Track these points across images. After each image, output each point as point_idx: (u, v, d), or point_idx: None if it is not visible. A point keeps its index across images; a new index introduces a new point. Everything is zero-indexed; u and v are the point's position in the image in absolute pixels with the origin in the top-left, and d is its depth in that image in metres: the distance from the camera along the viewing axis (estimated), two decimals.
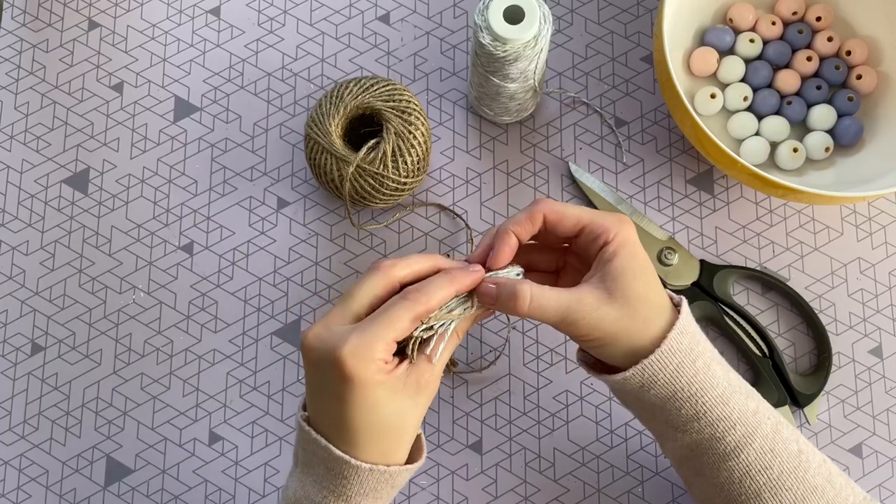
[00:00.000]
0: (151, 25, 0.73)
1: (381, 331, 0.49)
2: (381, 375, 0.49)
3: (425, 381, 0.51)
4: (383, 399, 0.49)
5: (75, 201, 0.70)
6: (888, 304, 0.68)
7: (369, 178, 0.62)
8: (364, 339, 0.49)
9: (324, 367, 0.49)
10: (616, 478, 0.65)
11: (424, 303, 0.50)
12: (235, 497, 0.65)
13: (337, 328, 0.50)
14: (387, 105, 0.63)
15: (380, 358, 0.49)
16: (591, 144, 0.70)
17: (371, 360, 0.48)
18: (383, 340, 0.49)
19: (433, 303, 0.50)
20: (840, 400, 0.66)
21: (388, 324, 0.49)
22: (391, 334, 0.49)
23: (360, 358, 0.48)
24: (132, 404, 0.67)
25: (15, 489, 0.66)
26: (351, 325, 0.50)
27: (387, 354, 0.49)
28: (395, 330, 0.49)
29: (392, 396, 0.50)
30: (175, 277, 0.69)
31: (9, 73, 0.73)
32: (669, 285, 0.67)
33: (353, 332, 0.49)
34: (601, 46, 0.72)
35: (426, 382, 0.51)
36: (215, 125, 0.71)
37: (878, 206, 0.70)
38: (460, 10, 0.73)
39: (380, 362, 0.49)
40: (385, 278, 0.51)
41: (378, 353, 0.49)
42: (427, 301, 0.50)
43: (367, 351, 0.48)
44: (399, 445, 0.52)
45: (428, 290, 0.50)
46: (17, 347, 0.68)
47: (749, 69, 0.69)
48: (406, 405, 0.51)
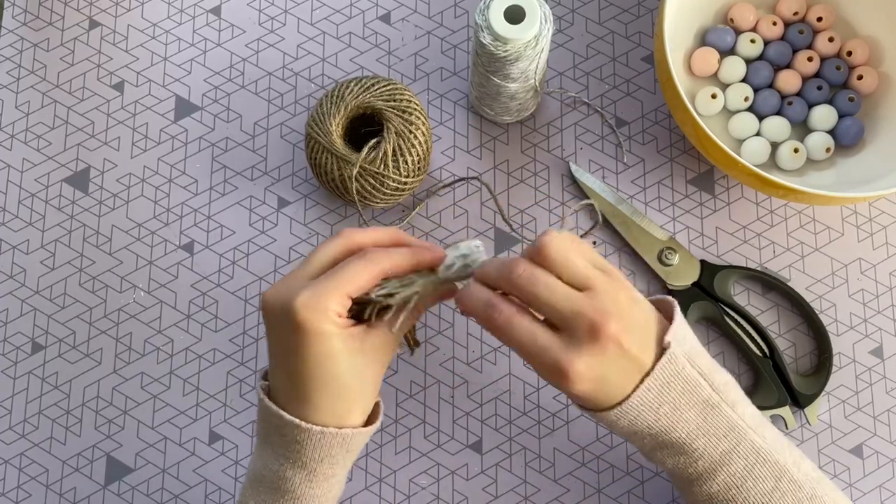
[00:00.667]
0: (152, 25, 0.73)
1: (335, 283, 0.50)
2: (334, 328, 0.50)
3: (381, 345, 0.52)
4: (336, 352, 0.50)
5: (76, 200, 0.70)
6: (889, 305, 0.68)
7: (370, 178, 0.62)
8: (317, 290, 0.49)
9: (280, 322, 0.50)
10: (616, 478, 0.65)
11: (382, 262, 0.51)
12: (235, 496, 0.65)
13: (294, 284, 0.51)
14: (387, 105, 0.63)
15: (333, 310, 0.49)
16: (591, 144, 0.70)
17: (323, 311, 0.49)
18: (337, 292, 0.49)
19: (390, 264, 0.51)
20: (841, 400, 0.66)
21: (343, 278, 0.50)
22: (345, 288, 0.50)
23: (313, 308, 0.49)
24: (132, 403, 0.67)
25: (15, 488, 0.66)
26: (310, 281, 0.51)
27: (341, 308, 0.50)
28: (350, 284, 0.50)
29: (346, 352, 0.50)
30: (175, 277, 0.69)
31: (9, 72, 0.73)
32: (670, 285, 0.67)
33: (308, 285, 0.50)
34: (602, 46, 0.72)
35: (382, 347, 0.52)
36: (216, 124, 0.71)
37: (878, 206, 0.70)
38: (461, 9, 0.73)
39: (333, 314, 0.49)
40: (345, 243, 0.53)
41: (331, 304, 0.49)
42: (386, 261, 0.51)
43: (319, 301, 0.49)
44: (353, 407, 0.52)
45: (388, 252, 0.52)
46: (18, 346, 0.68)
47: (750, 69, 0.69)
48: (360, 365, 0.51)
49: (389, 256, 0.52)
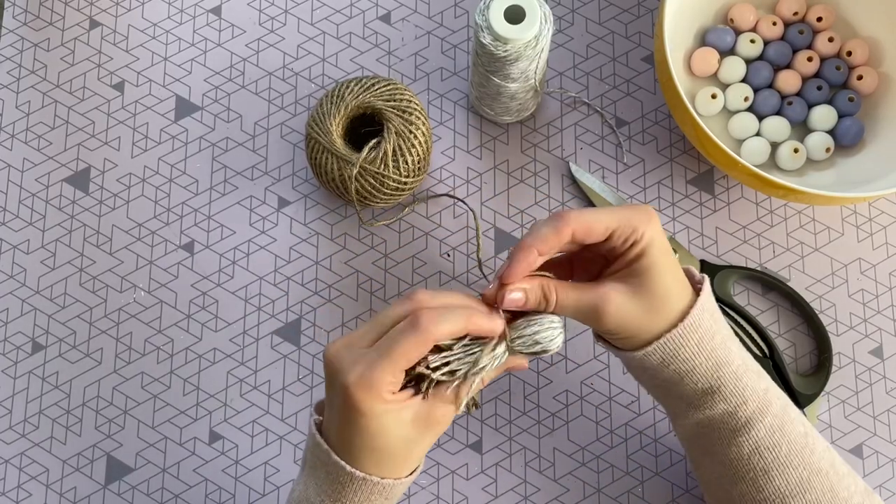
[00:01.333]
0: (152, 24, 0.73)
1: (386, 362, 0.48)
2: (386, 406, 0.49)
3: (437, 418, 0.51)
4: (387, 428, 0.49)
5: (76, 200, 0.70)
6: (889, 305, 0.68)
7: (370, 178, 0.62)
8: (370, 370, 0.48)
9: (335, 387, 0.50)
10: (616, 478, 0.65)
11: (431, 333, 0.48)
12: (235, 496, 0.65)
13: (354, 350, 0.50)
14: (388, 105, 0.63)
15: (386, 390, 0.49)
16: (591, 144, 0.70)
17: (376, 392, 0.48)
18: (389, 372, 0.48)
19: (440, 334, 0.49)
20: (841, 400, 0.66)
21: (394, 355, 0.48)
22: (397, 366, 0.48)
23: (365, 389, 0.48)
24: (132, 403, 0.67)
25: (15, 487, 0.66)
26: (365, 350, 0.49)
27: (393, 385, 0.49)
28: (401, 362, 0.48)
29: (398, 426, 0.50)
30: (176, 276, 0.69)
31: (10, 72, 0.73)
32: None
33: (362, 360, 0.49)
34: (602, 46, 0.72)
35: (437, 420, 0.51)
36: (216, 124, 0.71)
37: (878, 206, 0.70)
38: (461, 9, 0.73)
39: (385, 393, 0.49)
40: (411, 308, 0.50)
41: (383, 385, 0.48)
42: (434, 332, 0.48)
43: (371, 383, 0.48)
44: (400, 468, 0.52)
45: (438, 319, 0.49)
46: (18, 346, 0.68)
47: (750, 69, 0.69)
48: (412, 436, 0.50)
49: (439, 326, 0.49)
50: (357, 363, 0.49)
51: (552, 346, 0.52)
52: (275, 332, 0.68)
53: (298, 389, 0.67)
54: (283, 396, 0.67)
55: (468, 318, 0.49)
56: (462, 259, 0.69)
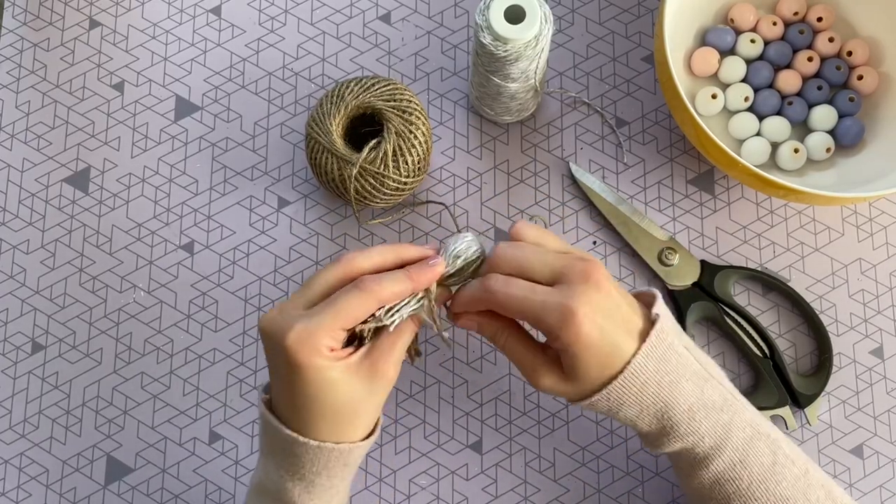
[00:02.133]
0: (152, 24, 0.73)
1: (327, 319, 0.49)
2: (328, 361, 0.49)
3: (380, 368, 0.51)
4: (332, 384, 0.50)
5: (76, 200, 0.70)
6: (889, 305, 0.68)
7: (370, 178, 0.62)
8: (309, 326, 0.49)
9: (275, 352, 0.50)
10: (616, 478, 0.65)
11: (376, 293, 0.50)
12: (235, 496, 0.65)
13: (289, 313, 0.50)
14: (388, 105, 0.63)
15: (325, 345, 0.49)
16: (591, 144, 0.70)
17: (315, 347, 0.49)
18: (329, 328, 0.49)
19: (385, 295, 0.50)
20: (841, 401, 0.66)
21: (335, 312, 0.49)
22: (338, 322, 0.49)
23: (305, 344, 0.49)
24: (132, 403, 0.67)
25: (15, 488, 0.66)
26: (302, 312, 0.50)
27: (334, 342, 0.50)
28: (343, 319, 0.49)
29: (343, 382, 0.50)
30: (175, 276, 0.69)
31: (10, 72, 0.73)
32: (670, 285, 0.67)
33: (301, 318, 0.49)
34: (602, 46, 0.72)
35: (381, 370, 0.51)
36: (216, 124, 0.71)
37: (878, 206, 0.70)
38: (461, 9, 0.73)
39: (325, 349, 0.49)
40: (345, 269, 0.51)
41: (322, 340, 0.49)
42: (379, 292, 0.50)
43: (311, 338, 0.49)
44: (353, 428, 0.52)
45: (382, 281, 0.50)
46: (18, 346, 0.68)
47: (750, 69, 0.69)
48: (359, 391, 0.51)
49: (384, 286, 0.50)
50: (296, 321, 0.49)
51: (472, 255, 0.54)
52: None
53: None
54: None
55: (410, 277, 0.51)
56: None
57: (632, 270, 0.68)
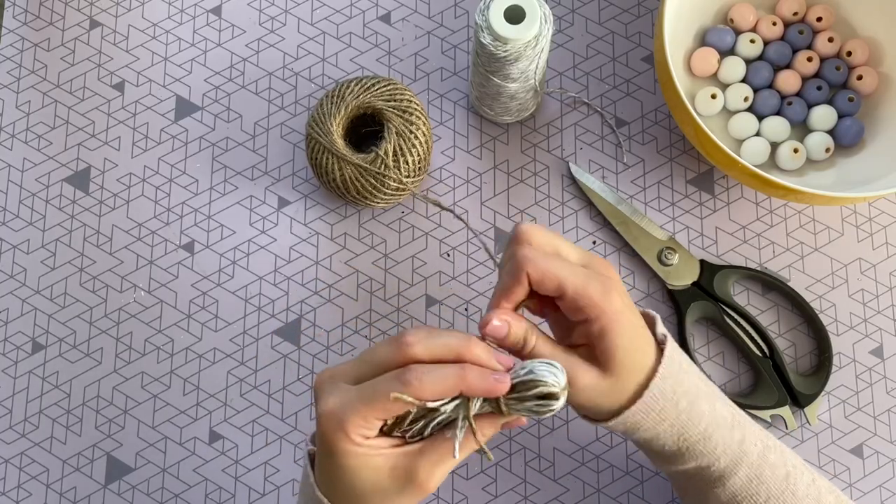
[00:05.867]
0: (153, 24, 0.73)
1: (359, 406, 0.46)
2: (356, 448, 0.46)
3: (419, 477, 0.47)
4: (358, 471, 0.47)
5: (76, 200, 0.70)
6: (889, 305, 0.68)
7: (370, 178, 0.62)
8: (341, 407, 0.46)
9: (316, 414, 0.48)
10: (616, 478, 0.65)
11: (415, 389, 0.45)
12: (235, 496, 0.66)
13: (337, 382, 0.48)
14: (388, 105, 0.63)
15: (356, 433, 0.46)
16: (591, 144, 0.70)
17: (345, 432, 0.46)
18: (361, 415, 0.46)
19: (425, 394, 0.45)
20: (841, 400, 0.66)
21: (369, 400, 0.46)
22: (372, 412, 0.46)
23: (334, 424, 0.46)
24: (132, 403, 0.67)
25: (15, 487, 0.66)
26: (347, 387, 0.47)
27: (367, 430, 0.46)
28: (377, 409, 0.46)
29: (371, 472, 0.47)
30: (176, 276, 0.69)
31: (10, 72, 0.73)
32: (670, 285, 0.67)
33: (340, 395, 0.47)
34: (602, 46, 0.72)
35: (419, 480, 0.47)
36: (216, 124, 0.71)
37: (878, 206, 0.70)
38: (461, 9, 0.73)
39: (356, 437, 0.46)
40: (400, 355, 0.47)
41: (353, 427, 0.46)
42: (418, 389, 0.45)
43: (342, 422, 0.46)
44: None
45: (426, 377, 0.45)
46: (18, 346, 0.68)
47: (750, 69, 0.69)
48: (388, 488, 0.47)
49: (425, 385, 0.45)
50: (333, 396, 0.47)
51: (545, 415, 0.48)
52: (275, 332, 0.68)
53: (298, 389, 0.67)
54: (283, 396, 0.67)
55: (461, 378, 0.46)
56: (462, 259, 0.69)
57: (632, 270, 0.68)
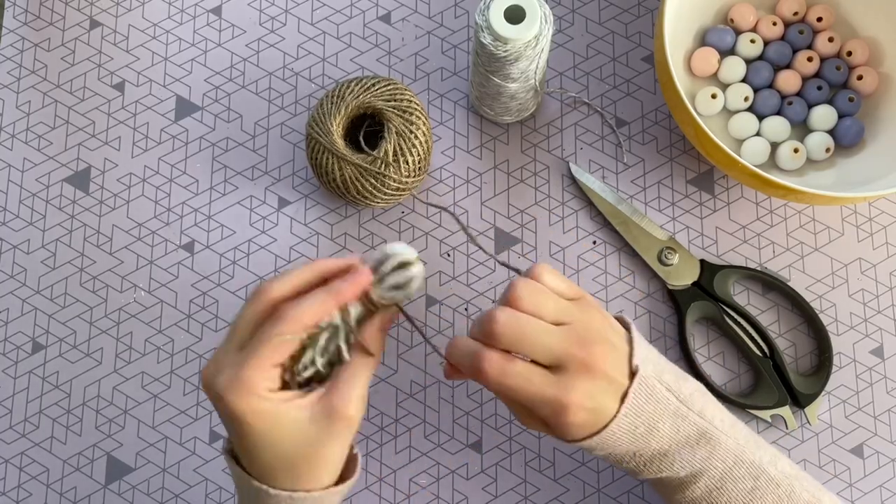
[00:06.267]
0: (153, 24, 0.73)
1: (254, 360, 0.45)
2: (267, 404, 0.46)
3: (338, 409, 0.47)
4: (279, 431, 0.46)
5: (76, 200, 0.70)
6: (889, 305, 0.68)
7: (371, 178, 0.62)
8: (238, 371, 0.46)
9: (215, 403, 0.47)
10: (616, 478, 0.65)
11: (296, 319, 0.46)
12: (235, 496, 0.65)
13: (222, 361, 0.47)
14: (388, 105, 0.63)
15: (261, 387, 0.46)
16: (591, 144, 0.70)
17: (248, 392, 0.45)
18: (258, 369, 0.45)
19: (307, 319, 0.46)
20: (841, 400, 0.66)
21: (260, 351, 0.46)
22: (265, 361, 0.46)
23: (238, 390, 0.45)
24: (133, 403, 0.67)
25: (15, 487, 0.66)
26: (232, 357, 0.47)
27: (269, 381, 0.46)
28: (269, 356, 0.46)
29: (292, 427, 0.46)
30: (176, 276, 0.69)
31: (10, 72, 0.73)
32: (670, 285, 0.67)
33: (230, 365, 0.46)
34: (602, 46, 0.72)
35: (340, 411, 0.47)
36: (216, 124, 0.71)
37: (878, 206, 0.70)
38: (461, 9, 0.73)
39: (262, 391, 0.46)
40: (263, 301, 0.47)
41: (253, 383, 0.45)
42: (300, 318, 0.46)
43: (243, 382, 0.45)
44: (317, 474, 0.48)
45: (301, 305, 0.46)
46: (18, 346, 0.68)
47: (750, 69, 0.69)
48: (313, 435, 0.47)
49: (303, 309, 0.46)
50: (222, 373, 0.46)
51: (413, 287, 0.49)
52: None
53: None
54: None
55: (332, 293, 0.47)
56: (462, 259, 0.69)
57: (632, 270, 0.68)
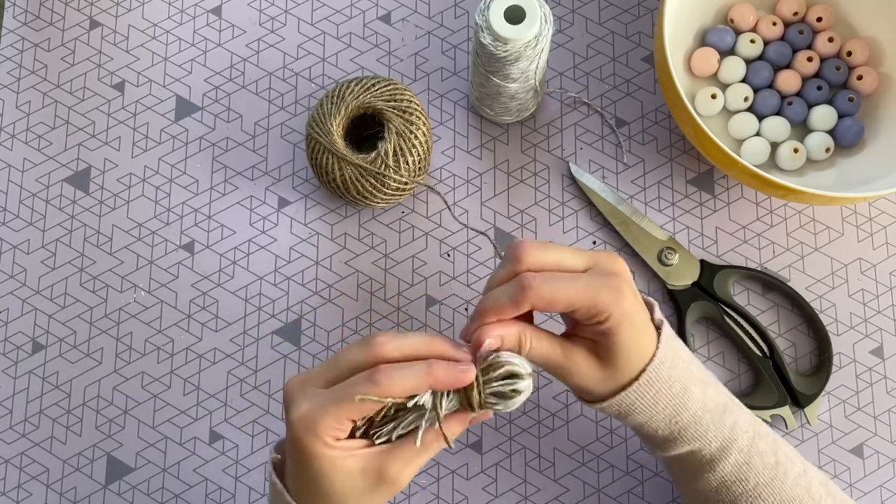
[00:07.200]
0: (153, 25, 0.73)
1: (331, 408, 0.46)
2: (329, 451, 0.47)
3: (391, 475, 0.48)
4: (330, 474, 0.47)
5: (76, 200, 0.70)
6: (889, 305, 0.68)
7: (371, 178, 0.62)
8: (315, 412, 0.47)
9: (287, 422, 0.48)
10: (616, 478, 0.65)
11: (385, 388, 0.46)
12: (236, 496, 0.66)
13: (308, 387, 0.48)
14: (388, 105, 0.63)
15: (329, 434, 0.47)
16: (591, 144, 0.70)
17: (317, 435, 0.47)
18: (333, 417, 0.46)
19: (395, 390, 0.46)
20: (841, 400, 0.66)
21: (340, 402, 0.46)
22: (343, 413, 0.47)
23: (308, 430, 0.47)
24: (133, 403, 0.67)
25: (16, 487, 0.66)
26: (318, 390, 0.48)
27: (339, 432, 0.47)
28: (348, 410, 0.47)
29: (343, 475, 0.48)
30: (176, 276, 0.69)
31: (10, 73, 0.73)
32: (670, 285, 0.67)
33: (312, 399, 0.47)
34: (602, 46, 0.72)
35: (391, 477, 0.48)
36: (216, 124, 0.71)
37: (878, 206, 0.70)
38: (461, 9, 0.73)
39: (329, 439, 0.47)
40: (370, 353, 0.48)
41: (325, 429, 0.47)
42: (388, 387, 0.46)
43: (314, 425, 0.47)
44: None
45: (397, 376, 0.47)
46: (18, 346, 0.68)
47: (750, 69, 0.69)
48: (361, 489, 0.48)
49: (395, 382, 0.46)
50: (305, 401, 0.47)
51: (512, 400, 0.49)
52: (275, 332, 0.68)
53: None
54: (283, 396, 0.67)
55: (428, 374, 0.47)
56: (462, 259, 0.69)
57: (632, 270, 0.68)
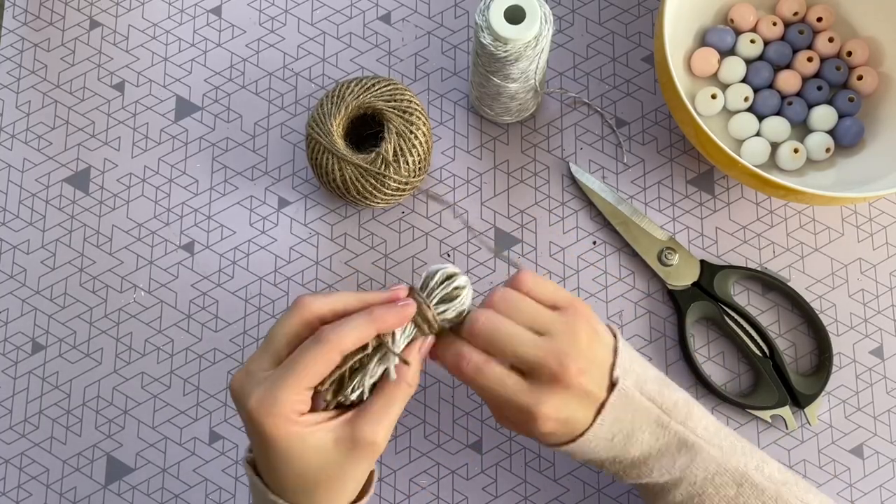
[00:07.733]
0: (153, 25, 0.73)
1: (287, 381, 0.46)
2: (296, 428, 0.46)
3: (366, 436, 0.47)
4: (303, 452, 0.46)
5: (76, 200, 0.70)
6: (889, 305, 0.68)
7: (371, 178, 0.62)
8: (271, 391, 0.46)
9: (243, 417, 0.47)
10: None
11: (334, 343, 0.46)
12: (235, 496, 0.66)
13: (256, 374, 0.47)
14: (388, 105, 0.63)
15: (292, 410, 0.46)
16: (591, 145, 0.70)
17: (280, 415, 0.45)
18: (292, 391, 0.46)
19: (347, 343, 0.46)
20: (841, 400, 0.66)
21: (295, 373, 0.46)
22: (301, 383, 0.46)
23: (269, 412, 0.45)
24: (133, 403, 0.67)
25: (15, 487, 0.66)
26: (266, 373, 0.47)
27: (301, 404, 0.46)
28: (305, 378, 0.46)
29: (316, 450, 0.47)
30: (176, 276, 0.69)
31: (10, 73, 0.73)
32: (670, 285, 0.67)
33: (262, 382, 0.46)
34: (602, 47, 0.72)
35: (367, 438, 0.47)
36: (216, 124, 0.71)
37: (878, 206, 0.70)
38: (461, 9, 0.73)
39: (293, 414, 0.46)
40: (302, 316, 0.48)
41: (286, 406, 0.46)
42: (339, 342, 0.46)
43: (274, 405, 0.45)
44: (335, 495, 0.49)
45: (342, 329, 0.46)
46: (18, 346, 0.68)
47: (750, 70, 0.69)
48: (337, 460, 0.47)
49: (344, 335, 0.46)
50: (256, 387, 0.46)
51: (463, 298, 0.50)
52: None
53: None
54: None
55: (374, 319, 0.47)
56: (462, 259, 0.69)
57: (632, 270, 0.68)
